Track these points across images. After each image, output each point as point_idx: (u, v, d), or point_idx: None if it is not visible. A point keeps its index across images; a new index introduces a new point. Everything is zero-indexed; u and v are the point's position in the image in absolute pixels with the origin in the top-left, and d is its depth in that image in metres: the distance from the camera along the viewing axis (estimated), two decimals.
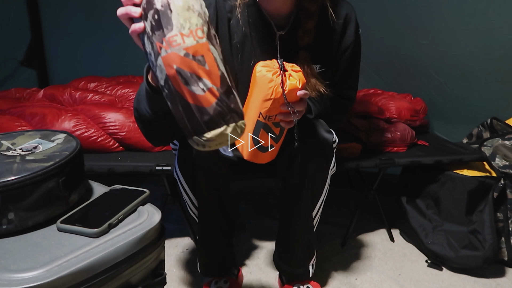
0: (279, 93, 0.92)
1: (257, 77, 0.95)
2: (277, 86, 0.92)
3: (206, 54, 0.64)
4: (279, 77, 0.92)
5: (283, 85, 0.92)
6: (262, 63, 0.97)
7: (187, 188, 1.17)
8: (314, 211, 1.18)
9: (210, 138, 0.67)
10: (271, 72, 0.94)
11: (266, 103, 0.95)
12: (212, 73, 0.64)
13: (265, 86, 0.94)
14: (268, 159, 1.07)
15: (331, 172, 1.18)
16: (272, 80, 0.93)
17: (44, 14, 2.27)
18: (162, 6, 0.61)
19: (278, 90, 0.92)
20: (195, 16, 0.63)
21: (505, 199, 1.45)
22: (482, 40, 1.71)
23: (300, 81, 0.94)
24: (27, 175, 0.71)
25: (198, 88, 0.64)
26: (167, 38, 0.61)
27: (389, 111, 1.69)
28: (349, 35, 1.15)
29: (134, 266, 0.72)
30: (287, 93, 0.93)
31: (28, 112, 1.58)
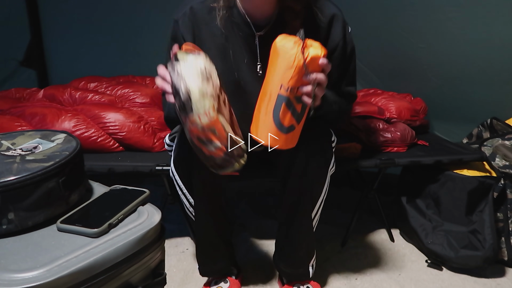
0: (301, 60, 0.91)
1: (278, 47, 0.94)
2: (299, 53, 0.91)
3: (216, 125, 0.87)
4: (300, 45, 0.92)
5: (303, 50, 0.91)
6: (281, 35, 0.96)
7: (183, 188, 1.17)
8: (313, 211, 1.18)
9: (219, 172, 0.95)
10: (292, 41, 0.93)
11: (288, 72, 0.92)
12: (220, 136, 0.89)
13: (286, 54, 0.92)
14: (288, 143, 1.01)
15: (330, 172, 1.18)
16: (293, 47, 0.92)
17: (44, 14, 2.27)
18: (185, 97, 0.84)
19: (300, 57, 0.91)
20: (208, 98, 0.85)
21: (505, 199, 1.45)
22: (482, 40, 1.71)
23: (322, 50, 0.92)
24: (27, 175, 0.71)
25: (211, 147, 0.89)
26: (189, 118, 0.86)
27: (389, 111, 1.69)
28: (335, 34, 1.12)
29: (134, 266, 0.72)
30: (310, 61, 0.91)
31: (28, 112, 1.58)
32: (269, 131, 0.99)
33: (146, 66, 2.15)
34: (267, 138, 0.99)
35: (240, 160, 0.95)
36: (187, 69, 0.85)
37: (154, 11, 2.19)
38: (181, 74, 0.85)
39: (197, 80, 0.84)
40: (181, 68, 0.85)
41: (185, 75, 0.85)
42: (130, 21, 2.22)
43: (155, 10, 2.18)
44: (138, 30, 2.23)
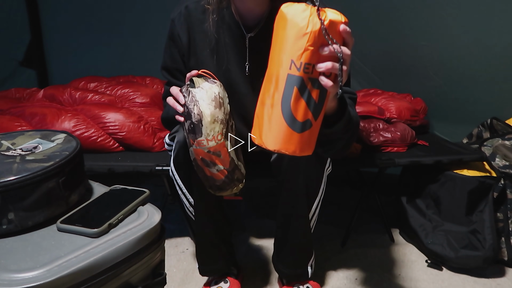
0: (318, 24, 0.69)
1: (285, 12, 0.73)
2: (314, 15, 0.70)
3: (222, 150, 0.93)
4: (314, 8, 0.71)
5: (319, 13, 0.70)
6: (286, 3, 0.75)
7: (183, 188, 1.17)
8: (310, 211, 1.18)
9: (217, 193, 1.02)
10: (302, 4, 0.72)
11: (300, 42, 0.70)
12: (224, 160, 0.95)
13: (297, 18, 0.71)
14: (304, 146, 0.77)
15: (327, 171, 1.18)
16: (306, 9, 0.71)
17: (44, 14, 2.27)
18: (196, 120, 0.90)
19: (316, 20, 0.69)
20: (218, 124, 0.91)
21: (505, 199, 1.45)
22: (482, 40, 1.71)
23: (342, 16, 0.73)
24: (27, 175, 0.71)
25: (214, 169, 0.96)
26: (197, 140, 0.91)
27: (389, 111, 1.69)
28: None
29: (134, 266, 0.72)
30: (328, 27, 0.70)
31: (28, 112, 1.58)
32: (277, 131, 0.76)
33: (146, 66, 2.16)
34: (275, 141, 0.76)
35: (239, 185, 1.02)
36: (202, 95, 0.91)
37: (154, 11, 2.19)
38: (196, 98, 0.91)
39: (210, 106, 0.91)
40: (196, 92, 0.91)
41: (199, 100, 0.91)
42: (130, 21, 2.23)
43: (155, 10, 2.19)
44: (138, 30, 2.23)
